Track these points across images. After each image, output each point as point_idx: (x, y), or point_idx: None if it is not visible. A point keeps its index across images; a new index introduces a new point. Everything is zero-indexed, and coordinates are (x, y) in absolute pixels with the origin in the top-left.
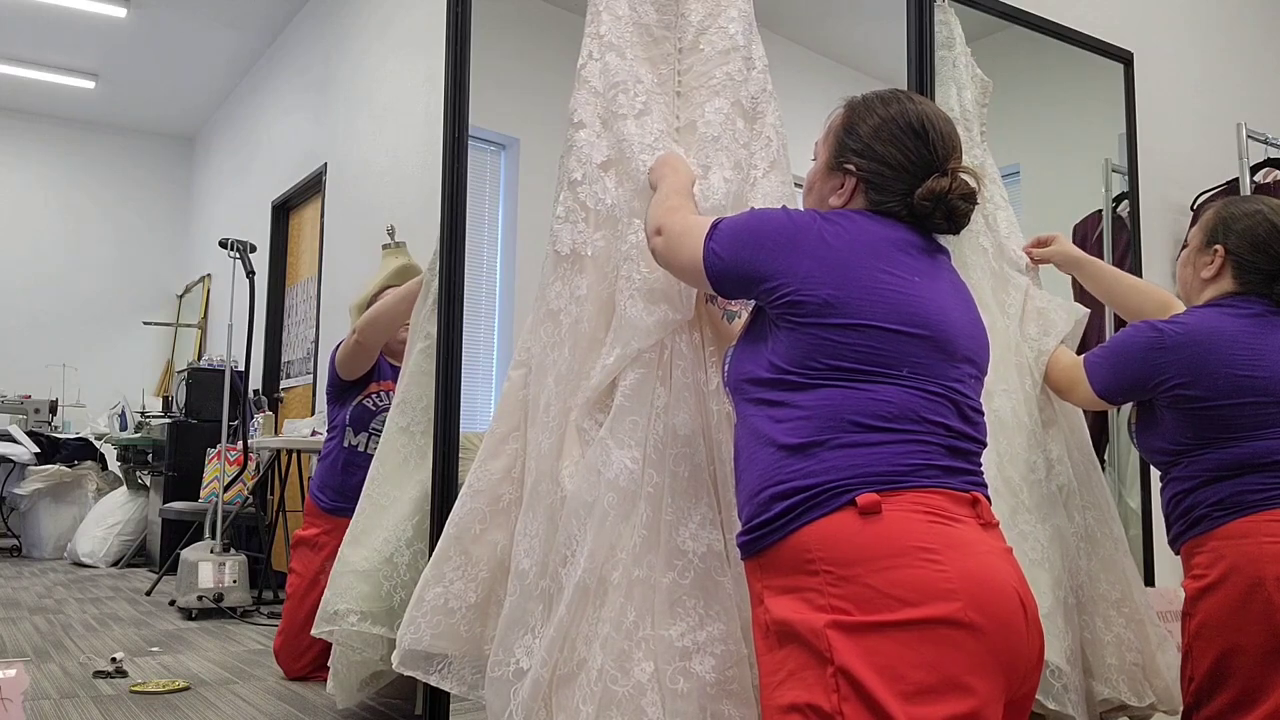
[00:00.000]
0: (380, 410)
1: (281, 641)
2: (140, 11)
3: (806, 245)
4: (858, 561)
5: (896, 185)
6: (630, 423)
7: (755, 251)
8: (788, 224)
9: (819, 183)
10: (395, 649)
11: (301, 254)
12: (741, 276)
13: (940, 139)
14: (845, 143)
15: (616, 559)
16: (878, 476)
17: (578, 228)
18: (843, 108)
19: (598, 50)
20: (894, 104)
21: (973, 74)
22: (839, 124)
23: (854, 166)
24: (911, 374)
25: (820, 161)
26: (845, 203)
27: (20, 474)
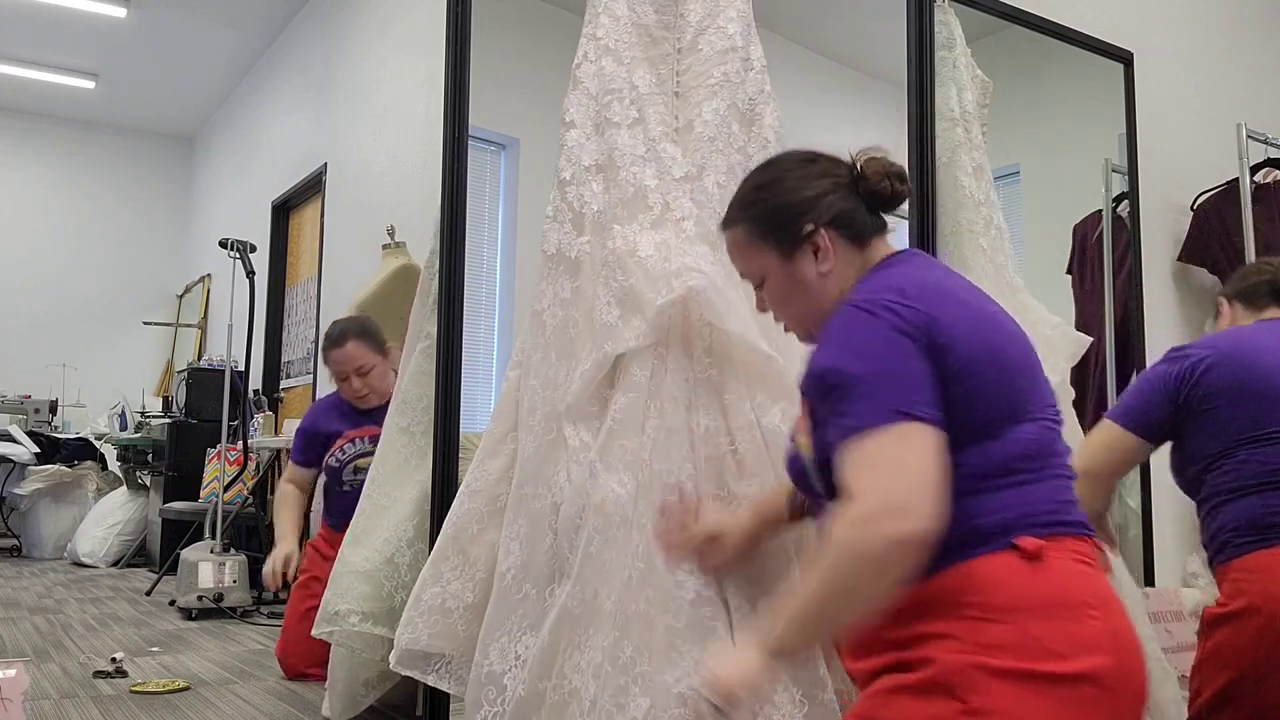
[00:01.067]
0: (348, 461)
1: (283, 641)
2: (140, 11)
3: (917, 337)
4: (1019, 608)
5: (850, 201)
6: (620, 447)
7: (902, 368)
8: (882, 333)
9: (791, 279)
10: (394, 649)
11: (301, 254)
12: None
13: (831, 154)
14: (782, 220)
15: (610, 587)
16: (1035, 519)
17: (564, 228)
18: (739, 214)
19: (594, 53)
20: (773, 163)
21: (973, 74)
22: (753, 221)
23: (811, 224)
24: (1036, 407)
25: (770, 263)
26: (832, 261)
27: (20, 474)
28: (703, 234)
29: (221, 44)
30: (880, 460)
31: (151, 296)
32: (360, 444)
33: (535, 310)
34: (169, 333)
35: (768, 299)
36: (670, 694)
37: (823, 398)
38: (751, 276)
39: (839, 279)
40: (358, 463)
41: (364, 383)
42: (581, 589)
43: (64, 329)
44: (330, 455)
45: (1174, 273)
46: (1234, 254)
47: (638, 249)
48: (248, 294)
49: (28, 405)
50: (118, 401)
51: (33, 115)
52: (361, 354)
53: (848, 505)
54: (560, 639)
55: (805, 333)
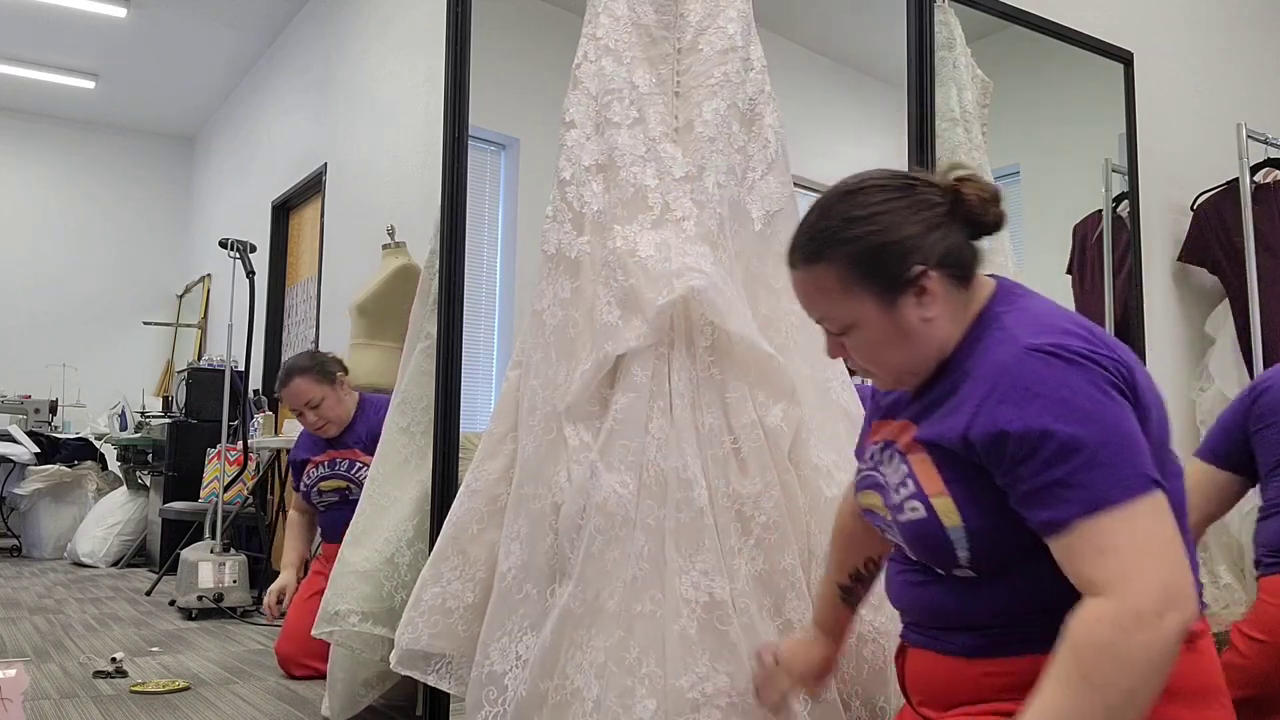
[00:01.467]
0: (312, 485)
1: (284, 641)
2: (140, 11)
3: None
4: (1173, 692)
5: (956, 233)
6: (621, 447)
7: (1124, 426)
8: (1098, 387)
9: (891, 327)
10: (394, 649)
11: (301, 254)
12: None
13: (920, 171)
14: (885, 261)
15: (612, 587)
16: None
17: (564, 228)
18: (828, 251)
19: (594, 52)
20: (864, 192)
21: (973, 74)
22: (849, 262)
23: (920, 264)
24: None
25: (865, 310)
26: (939, 306)
27: (20, 474)
28: (703, 233)
29: (221, 44)
30: (1144, 543)
31: (151, 296)
32: (321, 469)
33: (535, 310)
34: (169, 333)
35: (853, 348)
36: (684, 698)
37: (1022, 462)
38: (833, 322)
39: (943, 324)
40: (320, 486)
41: (317, 414)
42: (583, 589)
43: (64, 329)
44: (301, 482)
45: (1174, 273)
46: (1234, 254)
47: (638, 249)
48: (248, 294)
49: (28, 405)
50: (118, 401)
51: (33, 115)
52: (308, 388)
53: (1113, 601)
54: (562, 639)
55: (893, 382)
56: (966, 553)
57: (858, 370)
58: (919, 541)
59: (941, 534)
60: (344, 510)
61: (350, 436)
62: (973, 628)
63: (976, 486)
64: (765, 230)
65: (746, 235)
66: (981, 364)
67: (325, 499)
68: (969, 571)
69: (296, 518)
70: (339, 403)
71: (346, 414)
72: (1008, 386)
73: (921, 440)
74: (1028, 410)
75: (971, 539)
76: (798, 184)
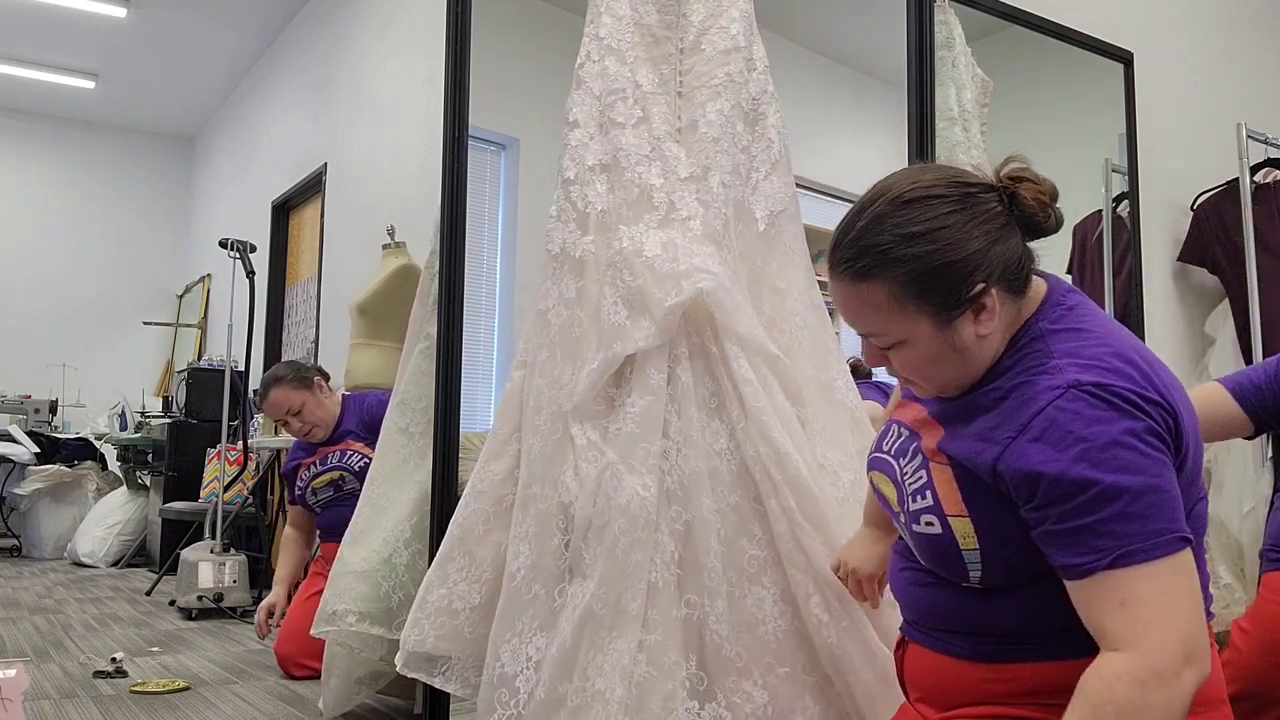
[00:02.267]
0: (305, 487)
1: (283, 641)
2: (140, 11)
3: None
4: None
5: (1013, 241)
6: (642, 449)
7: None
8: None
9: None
10: (399, 651)
11: (301, 254)
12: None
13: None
14: (946, 281)
15: (634, 589)
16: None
17: (568, 228)
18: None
19: (597, 52)
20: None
21: (973, 74)
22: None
23: (981, 283)
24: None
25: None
26: (996, 322)
27: (20, 474)
28: (709, 233)
29: (221, 44)
30: (1166, 600)
31: (151, 296)
32: (314, 468)
33: (540, 310)
34: (169, 333)
35: (899, 362)
36: (801, 681)
37: (1053, 504)
38: (881, 339)
39: (997, 337)
40: (314, 484)
41: (300, 420)
42: (605, 590)
43: (64, 329)
44: (295, 487)
45: (1174, 273)
46: (1234, 254)
47: (645, 249)
48: (248, 294)
49: (28, 405)
50: (118, 401)
51: (33, 115)
52: (285, 396)
53: (1132, 657)
54: (582, 640)
55: (937, 392)
56: (979, 573)
57: (898, 378)
58: (931, 553)
59: (956, 553)
60: (340, 508)
61: (339, 432)
62: (977, 634)
63: (997, 513)
64: (769, 230)
65: (750, 235)
66: (1023, 392)
67: (320, 496)
68: (978, 586)
69: (291, 534)
70: (319, 405)
71: (329, 416)
72: (1046, 425)
73: (945, 452)
74: (1065, 455)
75: (986, 562)
76: (798, 184)
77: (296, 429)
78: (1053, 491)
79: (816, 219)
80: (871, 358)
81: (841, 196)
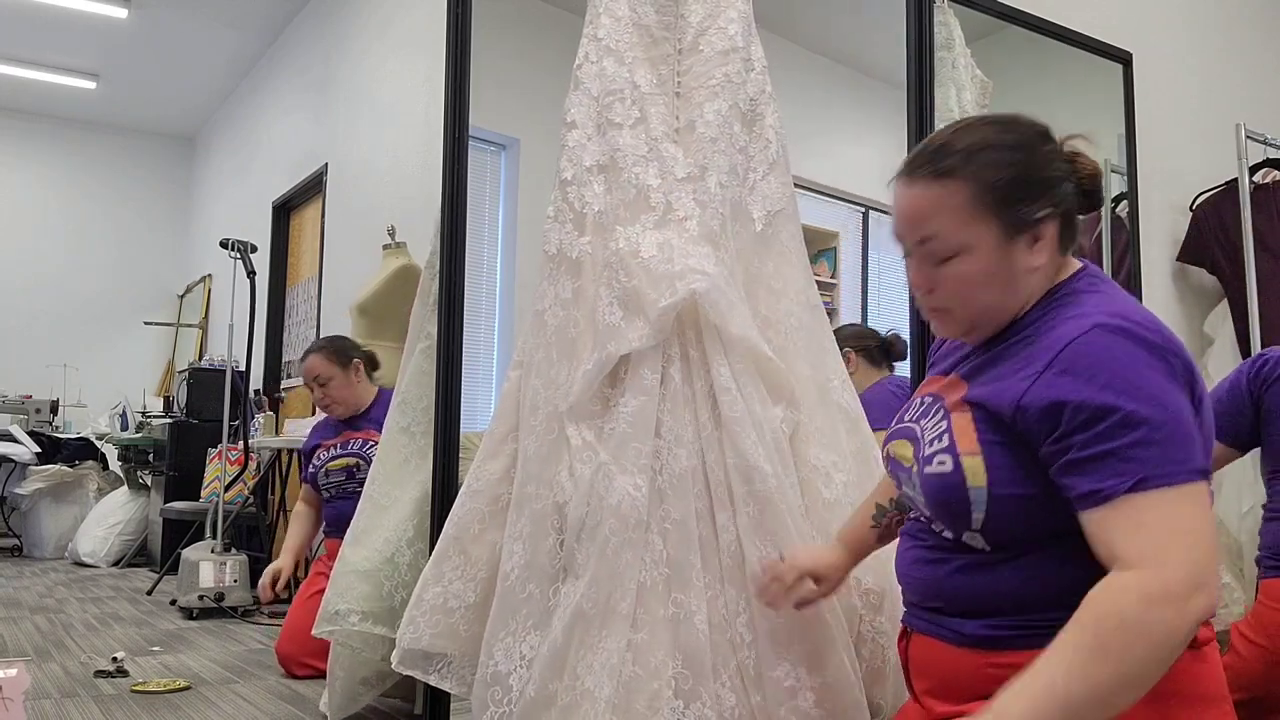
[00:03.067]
0: (320, 467)
1: (284, 641)
2: (140, 11)
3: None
4: (1177, 694)
5: (1073, 193)
6: (634, 449)
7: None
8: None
9: (1000, 264)
10: (395, 648)
11: (302, 254)
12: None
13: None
14: (1020, 194)
15: (624, 589)
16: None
17: (565, 229)
18: (963, 166)
19: (595, 53)
20: (1013, 123)
21: (972, 75)
22: (984, 184)
23: (1049, 209)
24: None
25: (984, 238)
26: (1045, 259)
27: (21, 474)
28: (705, 233)
29: (221, 44)
30: (1183, 525)
31: (152, 296)
32: (332, 450)
33: (537, 310)
34: (170, 333)
35: (949, 277)
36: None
37: (1076, 431)
38: (942, 243)
39: (1037, 280)
40: (329, 466)
41: (323, 392)
42: (596, 590)
43: (64, 329)
44: (310, 465)
45: (1173, 273)
46: (1233, 254)
47: (640, 250)
48: (248, 294)
49: (29, 405)
50: (119, 401)
51: (33, 115)
52: (318, 364)
53: (1144, 574)
54: (573, 639)
55: (966, 328)
56: (982, 514)
57: (930, 309)
58: (938, 496)
59: (962, 491)
60: (346, 501)
61: (364, 420)
62: (983, 613)
63: (1010, 454)
64: (766, 230)
65: (747, 235)
66: (1049, 335)
67: (332, 480)
68: (979, 539)
69: (302, 509)
70: (347, 386)
71: (356, 400)
72: (1072, 358)
73: (969, 400)
74: (1091, 384)
75: (991, 503)
76: (797, 184)
77: (318, 398)
78: (1076, 418)
79: (816, 219)
80: (920, 276)
81: (841, 197)
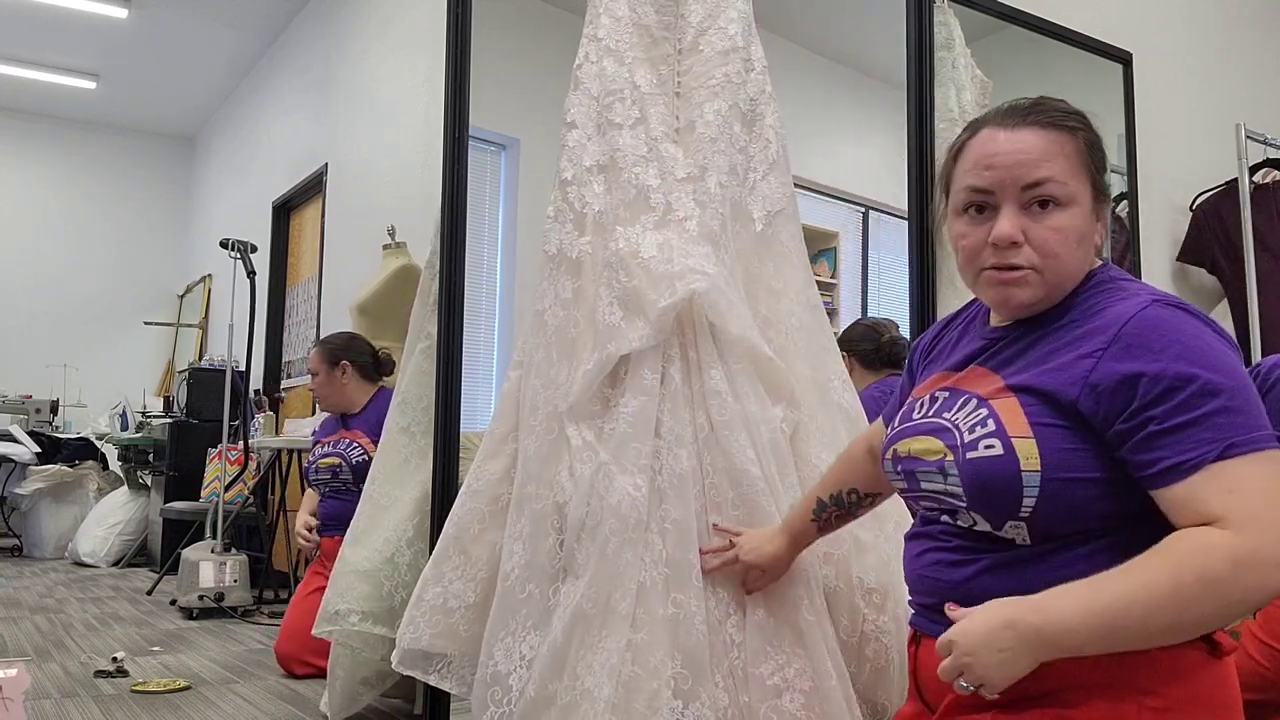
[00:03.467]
0: (312, 463)
1: (283, 641)
2: (140, 11)
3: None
4: (1197, 703)
5: None
6: (634, 450)
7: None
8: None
9: (1088, 225)
10: (395, 648)
11: (302, 254)
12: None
13: None
14: (1102, 168)
15: (624, 589)
16: None
17: (565, 229)
18: (1080, 124)
19: (595, 53)
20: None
21: (972, 75)
22: (1091, 147)
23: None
24: None
25: (1083, 196)
26: (1101, 239)
27: (21, 474)
28: (705, 233)
29: (221, 44)
30: (1274, 491)
31: (152, 296)
32: (325, 447)
33: (537, 310)
34: (170, 333)
35: (1050, 227)
36: (766, 686)
37: (1155, 404)
38: (1059, 186)
39: (1087, 260)
40: (318, 464)
41: (314, 385)
42: (596, 590)
43: (64, 329)
44: (310, 459)
45: (1173, 273)
46: (1233, 254)
47: (640, 250)
48: (248, 294)
49: (29, 405)
50: (119, 401)
51: (33, 115)
52: (313, 359)
53: (1235, 535)
54: (573, 639)
55: (1044, 295)
56: (1034, 499)
57: (1008, 267)
58: (984, 482)
59: (1015, 475)
60: (335, 500)
61: (356, 420)
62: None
63: (1067, 437)
64: (766, 231)
65: (747, 235)
66: (1103, 316)
67: (320, 478)
68: (1023, 530)
69: (310, 491)
70: (330, 384)
71: (339, 398)
72: (1139, 333)
73: (1014, 386)
74: (1164, 355)
75: (1044, 487)
76: (798, 184)
77: (312, 387)
78: (1153, 389)
79: (816, 219)
80: (1013, 226)
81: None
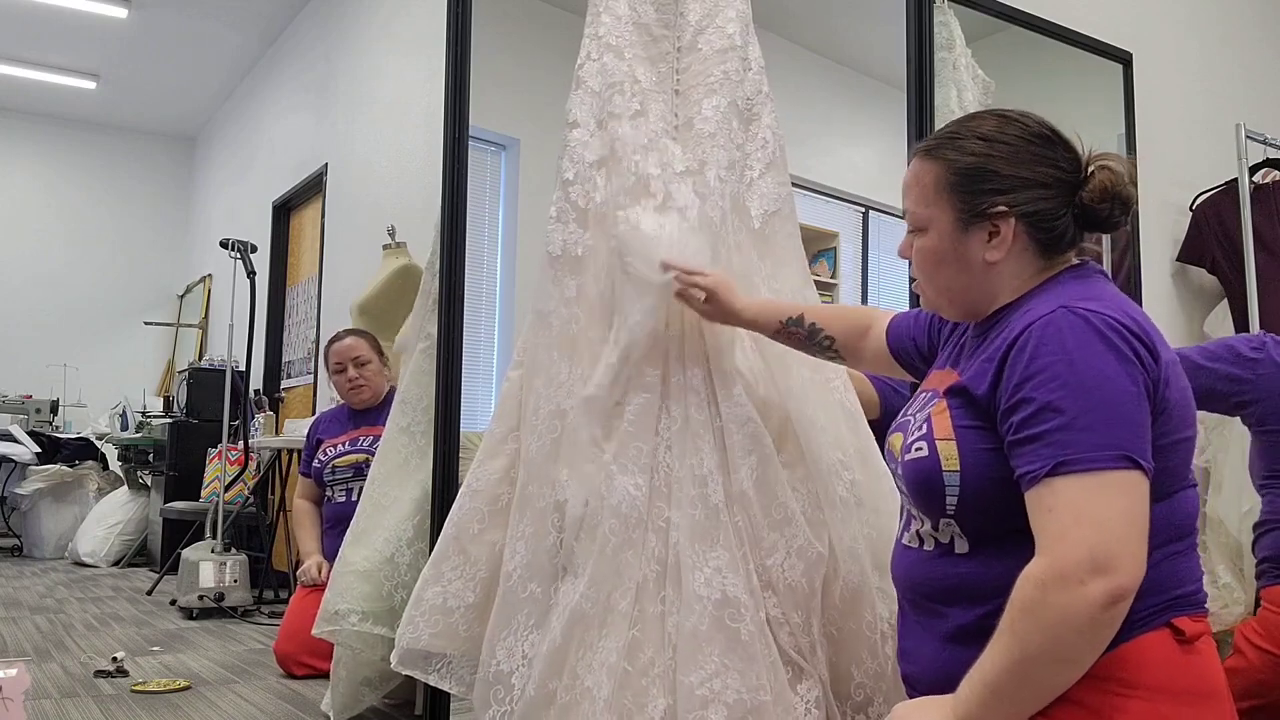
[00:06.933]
0: (327, 463)
1: (283, 641)
2: (140, 11)
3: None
4: (1166, 690)
5: (1060, 204)
6: (635, 449)
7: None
8: (1115, 359)
9: (952, 249)
10: (395, 648)
11: (302, 254)
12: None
13: (1069, 139)
14: (977, 185)
15: (624, 588)
16: (1191, 599)
17: (569, 228)
18: (942, 150)
19: (596, 51)
20: (1009, 122)
21: (973, 75)
22: (950, 168)
23: (1004, 206)
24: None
25: (941, 220)
26: (1004, 255)
27: (21, 474)
28: (705, 224)
29: (222, 44)
30: (1088, 510)
31: (152, 296)
32: (340, 447)
33: (540, 311)
34: (170, 333)
35: (916, 250)
36: (694, 695)
37: (1014, 411)
38: (914, 217)
39: (1008, 276)
40: (335, 463)
41: (359, 373)
42: (595, 589)
43: (64, 329)
44: (315, 459)
45: (1173, 273)
46: (1233, 254)
47: (641, 225)
48: (248, 294)
49: (29, 405)
50: (119, 401)
51: (33, 115)
52: (361, 347)
53: (1044, 560)
54: (572, 639)
55: (934, 306)
56: (955, 499)
57: (919, 284)
58: (916, 481)
59: (937, 476)
60: (348, 506)
61: (379, 415)
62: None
63: (982, 438)
64: (764, 229)
65: (746, 232)
66: (1021, 319)
67: (338, 477)
68: (954, 526)
69: (304, 505)
70: (379, 374)
71: (379, 388)
72: (1028, 340)
73: (950, 388)
74: (1033, 365)
75: (962, 486)
76: (797, 184)
77: (352, 377)
78: (1014, 397)
79: (816, 219)
80: (902, 248)
81: (840, 196)
